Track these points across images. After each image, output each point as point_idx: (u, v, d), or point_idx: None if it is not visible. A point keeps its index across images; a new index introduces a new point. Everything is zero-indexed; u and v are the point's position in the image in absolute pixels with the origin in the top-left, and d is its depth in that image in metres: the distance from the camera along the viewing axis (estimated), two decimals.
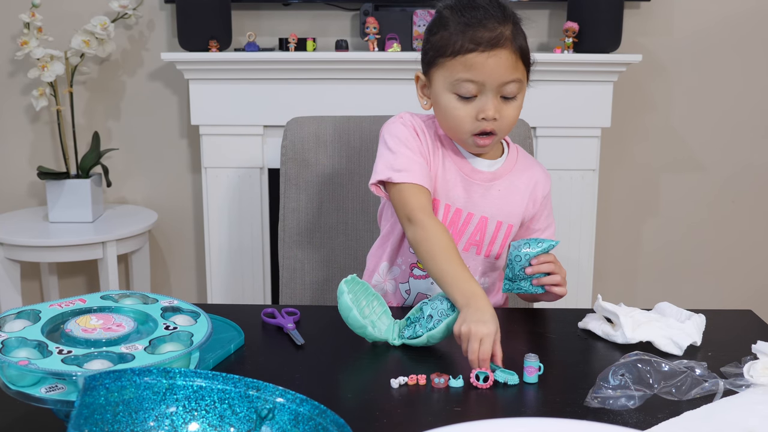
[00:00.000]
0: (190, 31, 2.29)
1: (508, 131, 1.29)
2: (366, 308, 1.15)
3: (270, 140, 2.39)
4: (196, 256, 2.68)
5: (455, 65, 1.23)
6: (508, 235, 1.37)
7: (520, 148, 1.42)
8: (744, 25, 2.52)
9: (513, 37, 1.24)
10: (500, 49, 1.22)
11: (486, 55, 1.21)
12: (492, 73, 1.22)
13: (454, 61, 1.23)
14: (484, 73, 1.22)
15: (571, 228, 2.41)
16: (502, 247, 1.37)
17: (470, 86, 1.23)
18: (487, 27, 1.22)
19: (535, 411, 0.94)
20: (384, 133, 1.31)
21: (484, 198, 1.33)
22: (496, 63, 1.22)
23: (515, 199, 1.36)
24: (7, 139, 2.60)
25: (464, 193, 1.32)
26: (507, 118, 1.26)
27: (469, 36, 1.21)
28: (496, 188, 1.34)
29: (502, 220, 1.35)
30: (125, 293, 1.05)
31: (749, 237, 2.68)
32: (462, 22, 1.23)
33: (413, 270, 1.35)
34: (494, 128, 1.25)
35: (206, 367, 1.02)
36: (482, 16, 1.22)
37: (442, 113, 1.28)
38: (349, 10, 2.44)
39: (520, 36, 1.27)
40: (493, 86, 1.23)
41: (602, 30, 2.28)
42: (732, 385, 0.98)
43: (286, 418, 0.79)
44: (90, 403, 0.75)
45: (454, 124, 1.26)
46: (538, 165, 1.42)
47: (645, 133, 2.60)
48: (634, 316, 1.15)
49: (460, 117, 1.25)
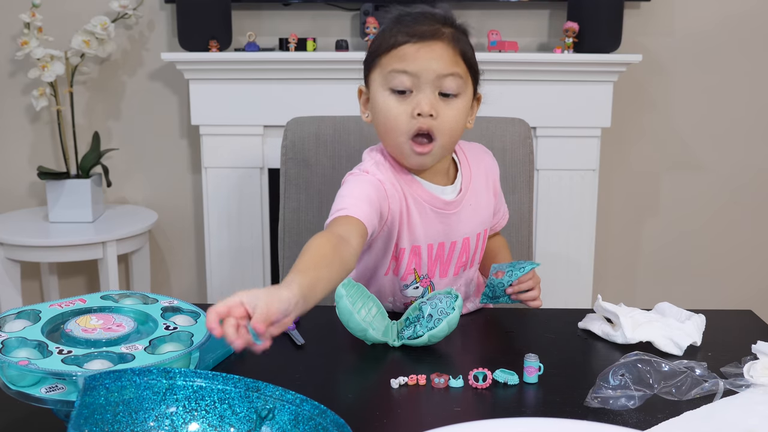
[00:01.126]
0: (190, 31, 2.29)
1: (450, 140, 1.22)
2: (362, 310, 1.15)
3: (270, 140, 2.39)
4: (196, 256, 2.68)
5: (389, 59, 1.19)
6: (485, 238, 1.36)
7: (461, 144, 1.34)
8: (744, 25, 2.52)
9: (453, 37, 1.20)
10: (435, 41, 1.18)
11: (419, 45, 1.17)
12: (425, 64, 1.17)
13: (388, 56, 1.19)
14: (417, 64, 1.17)
15: (571, 228, 2.41)
16: (482, 251, 1.37)
17: (404, 78, 1.18)
18: (422, 22, 1.20)
19: (535, 411, 0.94)
20: (346, 180, 1.24)
21: (462, 220, 1.29)
22: (429, 54, 1.17)
23: (484, 201, 1.34)
24: (7, 139, 2.60)
25: (442, 226, 1.28)
26: (446, 118, 1.19)
27: (404, 31, 1.19)
28: (467, 203, 1.30)
29: (480, 231, 1.33)
30: (125, 293, 1.05)
31: (749, 237, 2.68)
32: (398, 22, 1.21)
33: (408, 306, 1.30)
34: (432, 128, 1.18)
35: (206, 367, 1.02)
36: (418, 17, 1.21)
37: (379, 118, 1.22)
38: (349, 10, 2.45)
39: (463, 41, 1.22)
40: (429, 79, 1.17)
41: (602, 30, 2.28)
42: (732, 385, 0.98)
43: (286, 418, 0.79)
44: (90, 403, 0.75)
45: (390, 124, 1.20)
46: (482, 149, 1.38)
47: (645, 133, 2.60)
48: (634, 316, 1.15)
49: (394, 115, 1.19)
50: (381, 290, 1.32)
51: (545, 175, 2.39)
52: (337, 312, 1.11)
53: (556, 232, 2.41)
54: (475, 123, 1.56)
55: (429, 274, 1.30)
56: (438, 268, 1.30)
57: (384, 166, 1.25)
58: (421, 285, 1.31)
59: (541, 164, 2.38)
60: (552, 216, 2.41)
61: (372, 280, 1.33)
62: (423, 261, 1.29)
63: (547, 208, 2.40)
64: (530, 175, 1.63)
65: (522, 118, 1.66)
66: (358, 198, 1.17)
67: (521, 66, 2.30)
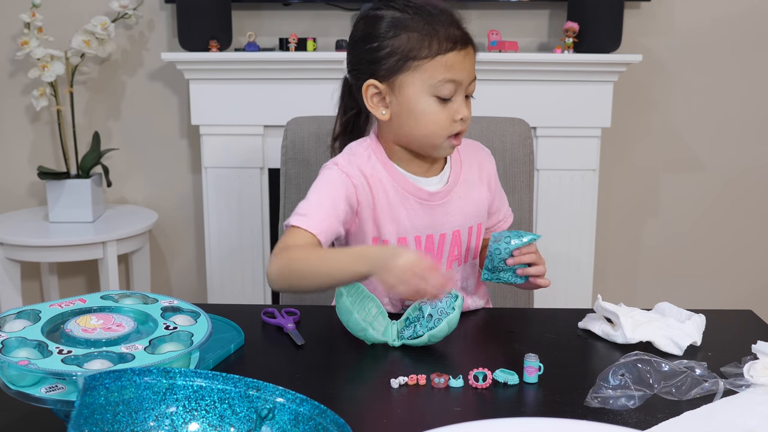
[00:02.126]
0: (190, 31, 2.29)
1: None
2: (362, 310, 1.15)
3: (270, 140, 2.39)
4: (196, 256, 2.68)
5: (435, 66, 1.19)
6: (479, 233, 1.35)
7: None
8: (744, 25, 2.52)
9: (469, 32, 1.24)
10: (470, 46, 1.22)
11: (463, 53, 1.20)
12: (468, 72, 1.21)
13: (434, 62, 1.19)
14: (462, 72, 1.20)
15: (571, 228, 2.41)
16: (477, 246, 1.36)
17: (451, 86, 1.20)
18: (454, 25, 1.20)
19: (535, 411, 0.94)
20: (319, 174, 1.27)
21: (450, 212, 1.29)
22: (470, 61, 1.22)
23: (476, 195, 1.33)
24: (7, 139, 2.60)
25: (429, 218, 1.28)
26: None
27: (444, 35, 1.19)
28: (456, 196, 1.30)
29: (472, 224, 1.33)
30: (125, 293, 1.05)
31: (749, 237, 2.68)
32: (427, 21, 1.19)
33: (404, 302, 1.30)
34: (463, 128, 1.24)
35: (206, 367, 1.02)
36: (444, 16, 1.20)
37: (416, 119, 1.22)
38: (349, 10, 2.44)
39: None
40: (466, 85, 1.22)
41: (602, 30, 2.28)
42: (732, 385, 0.98)
43: (286, 418, 0.79)
44: (90, 403, 0.75)
45: (433, 129, 1.22)
46: (476, 145, 1.39)
47: (645, 133, 2.60)
48: (634, 316, 1.15)
49: (439, 121, 1.21)
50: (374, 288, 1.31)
51: (545, 175, 2.39)
52: (337, 312, 1.11)
53: (556, 232, 2.41)
54: (475, 123, 1.57)
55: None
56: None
57: (362, 157, 1.27)
58: None
59: (541, 164, 2.38)
60: (552, 216, 2.40)
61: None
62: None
63: (547, 208, 2.40)
64: (530, 175, 1.63)
65: (522, 118, 1.66)
66: (320, 206, 1.21)
67: (521, 66, 2.30)
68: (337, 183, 1.24)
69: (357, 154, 1.28)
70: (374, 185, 1.26)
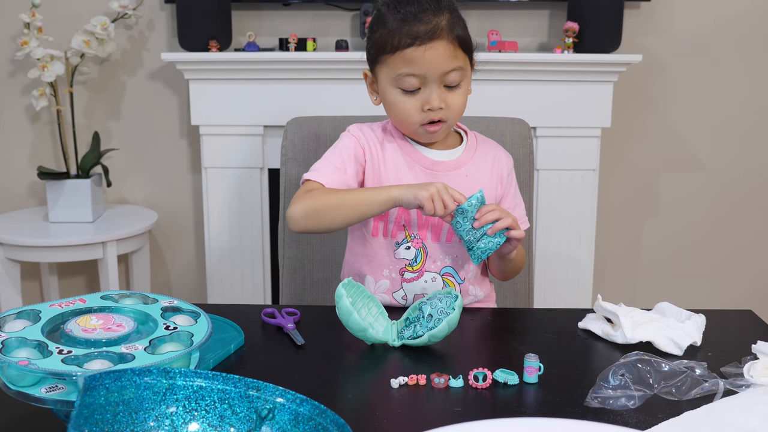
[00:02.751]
0: (190, 31, 2.29)
1: (459, 118, 1.33)
2: (363, 310, 1.15)
3: (270, 140, 2.39)
4: (196, 256, 2.68)
5: (396, 61, 1.27)
6: None
7: (479, 134, 1.44)
8: (744, 25, 2.52)
9: (450, 26, 1.26)
10: (437, 40, 1.25)
11: (423, 48, 1.25)
12: (431, 65, 1.25)
13: (394, 57, 1.26)
14: (424, 66, 1.25)
15: (571, 228, 2.42)
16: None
17: (412, 80, 1.27)
18: (423, 20, 1.25)
19: (535, 411, 0.94)
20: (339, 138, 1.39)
21: (454, 185, 1.31)
22: (434, 54, 1.25)
23: (484, 181, 1.38)
24: (7, 139, 2.60)
25: None
26: (454, 105, 1.29)
27: (406, 31, 1.25)
28: (463, 174, 1.36)
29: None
30: (125, 293, 1.05)
31: (749, 237, 2.68)
32: (398, 18, 1.26)
33: (404, 274, 1.35)
34: (442, 117, 1.29)
35: (206, 367, 1.02)
36: (417, 10, 1.26)
37: (389, 108, 1.33)
38: (349, 10, 2.45)
39: (457, 25, 1.28)
40: (435, 77, 1.26)
41: (602, 30, 2.28)
42: (732, 385, 0.98)
43: (286, 418, 0.79)
44: (90, 403, 0.75)
45: (402, 117, 1.31)
46: (499, 146, 1.44)
47: (645, 133, 2.60)
48: (634, 316, 1.15)
49: (406, 110, 1.29)
50: (375, 257, 1.36)
51: (545, 175, 2.39)
52: (337, 312, 1.11)
53: (556, 232, 2.41)
54: (475, 123, 1.57)
55: (420, 235, 1.34)
56: (430, 230, 1.34)
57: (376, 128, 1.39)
58: (413, 246, 1.34)
59: (541, 164, 2.38)
60: (552, 216, 2.41)
61: (366, 244, 1.37)
62: (412, 218, 1.33)
63: (547, 208, 2.40)
64: (530, 175, 1.63)
65: (522, 118, 1.66)
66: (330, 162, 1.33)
67: (521, 66, 2.30)
68: (345, 142, 1.36)
69: (372, 126, 1.39)
70: (384, 149, 1.35)
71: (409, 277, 1.34)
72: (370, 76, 1.35)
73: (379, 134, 1.38)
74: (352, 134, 1.37)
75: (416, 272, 1.34)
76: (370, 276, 1.36)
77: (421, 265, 1.34)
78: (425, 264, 1.34)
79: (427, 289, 1.34)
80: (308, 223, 1.27)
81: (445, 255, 1.35)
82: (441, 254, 1.35)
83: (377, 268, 1.36)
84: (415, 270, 1.34)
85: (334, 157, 1.34)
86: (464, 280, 1.36)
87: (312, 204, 1.26)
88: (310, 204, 1.26)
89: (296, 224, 1.28)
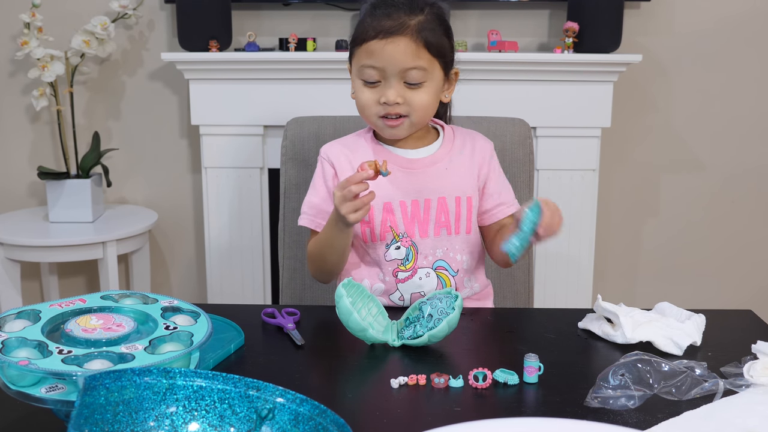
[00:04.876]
0: (190, 31, 2.29)
1: (423, 116, 1.34)
2: (363, 310, 1.15)
3: (270, 140, 2.39)
4: (196, 256, 2.68)
5: (361, 53, 1.32)
6: (470, 208, 1.38)
7: (457, 127, 1.45)
8: (744, 25, 2.52)
9: (418, 27, 1.29)
10: (399, 36, 1.28)
11: (384, 42, 1.28)
12: (390, 59, 1.28)
13: (360, 49, 1.32)
14: (383, 59, 1.29)
15: (571, 228, 2.41)
16: (469, 221, 1.38)
17: (372, 72, 1.31)
18: (391, 17, 1.29)
19: (535, 411, 0.94)
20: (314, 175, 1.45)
21: (434, 179, 1.36)
22: (394, 49, 1.28)
23: (464, 171, 1.39)
24: (7, 139, 2.60)
25: (411, 184, 1.35)
26: (415, 102, 1.31)
27: (373, 25, 1.29)
28: (442, 168, 1.37)
29: (459, 195, 1.37)
30: (125, 293, 1.05)
31: (749, 237, 2.68)
32: (371, 14, 1.31)
33: (397, 275, 1.35)
34: (401, 112, 1.31)
35: (206, 367, 1.02)
36: (389, 10, 1.30)
37: (356, 98, 1.37)
38: (349, 10, 2.44)
39: (431, 30, 1.30)
40: (394, 72, 1.29)
41: (602, 30, 2.28)
42: (732, 385, 0.98)
43: (286, 418, 0.79)
44: (90, 403, 0.75)
45: (363, 109, 1.35)
46: (477, 134, 1.45)
47: (645, 133, 2.60)
48: (634, 316, 1.15)
49: (364, 100, 1.34)
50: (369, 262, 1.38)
51: (545, 175, 2.39)
52: (337, 312, 1.11)
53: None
54: (475, 123, 1.57)
55: (408, 233, 1.35)
56: (417, 227, 1.35)
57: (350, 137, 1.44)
58: (403, 245, 1.35)
59: (541, 164, 2.38)
60: None
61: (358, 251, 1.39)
62: (398, 218, 1.35)
63: None
64: (530, 175, 1.63)
65: (522, 118, 1.66)
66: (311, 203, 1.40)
67: (521, 66, 2.30)
68: (318, 171, 1.42)
69: (343, 140, 1.44)
70: (356, 157, 1.38)
71: (402, 276, 1.35)
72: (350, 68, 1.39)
73: (351, 144, 1.42)
74: (321, 157, 1.42)
75: (409, 270, 1.35)
76: (368, 279, 1.37)
77: (413, 262, 1.35)
78: (417, 261, 1.35)
79: (422, 285, 1.34)
80: (323, 278, 1.41)
81: (435, 249, 1.36)
82: (431, 249, 1.35)
83: (372, 272, 1.37)
84: (407, 268, 1.35)
85: (314, 191, 1.41)
86: (458, 272, 1.36)
87: (312, 265, 1.39)
88: (312, 267, 1.40)
89: (319, 280, 1.43)
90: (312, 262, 1.39)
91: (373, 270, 1.37)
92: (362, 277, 1.38)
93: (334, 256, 1.34)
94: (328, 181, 1.40)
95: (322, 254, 1.35)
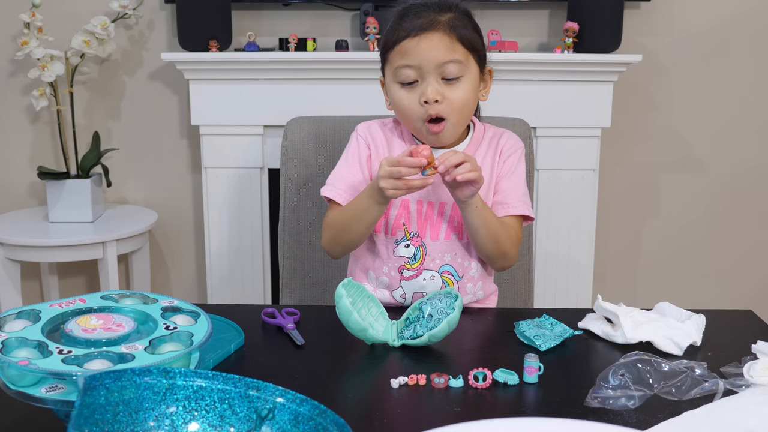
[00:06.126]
0: (190, 31, 2.29)
1: (462, 115, 1.32)
2: (363, 310, 1.15)
3: (270, 140, 2.39)
4: (196, 256, 2.68)
5: (394, 55, 1.30)
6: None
7: (490, 126, 1.43)
8: (744, 25, 2.52)
9: (450, 23, 1.29)
10: (431, 32, 1.27)
11: (417, 39, 1.27)
12: (425, 55, 1.27)
13: (393, 52, 1.30)
14: (418, 56, 1.27)
15: (571, 228, 2.41)
16: None
17: (408, 72, 1.29)
18: (420, 16, 1.29)
19: (535, 411, 0.94)
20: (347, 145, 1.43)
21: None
22: (428, 45, 1.27)
23: (485, 166, 1.37)
24: (7, 139, 2.60)
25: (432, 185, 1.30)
26: (454, 100, 1.29)
27: (404, 26, 1.29)
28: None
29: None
30: (125, 293, 1.05)
31: (749, 237, 2.68)
32: (401, 18, 1.30)
33: (403, 272, 1.35)
34: (441, 112, 1.29)
35: (206, 367, 1.02)
36: (419, 10, 1.30)
37: (394, 106, 1.34)
38: (349, 10, 2.45)
39: (462, 25, 1.29)
40: (431, 68, 1.27)
41: (602, 30, 2.28)
42: (732, 385, 0.98)
43: (286, 418, 0.79)
44: (90, 403, 0.75)
45: (405, 113, 1.32)
46: (507, 133, 1.43)
47: (645, 133, 2.60)
48: (634, 316, 1.15)
49: (406, 105, 1.30)
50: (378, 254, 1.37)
51: (545, 175, 2.39)
52: (337, 312, 1.11)
53: (556, 232, 2.41)
54: None
55: (420, 233, 1.35)
56: (429, 228, 1.35)
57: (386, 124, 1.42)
58: (413, 244, 1.35)
59: (541, 164, 2.38)
60: (552, 216, 2.41)
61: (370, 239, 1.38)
62: (412, 217, 1.34)
63: (547, 208, 2.40)
64: (530, 175, 1.63)
65: (522, 118, 1.66)
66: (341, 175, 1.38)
67: (521, 66, 2.30)
68: (353, 146, 1.40)
69: (381, 123, 1.43)
70: (392, 145, 1.38)
71: (407, 275, 1.35)
72: (382, 80, 1.37)
73: (388, 130, 1.41)
74: (359, 134, 1.41)
75: (415, 270, 1.34)
76: (372, 271, 1.37)
77: (420, 263, 1.34)
78: (424, 262, 1.34)
79: (425, 287, 1.34)
80: (336, 251, 1.38)
81: (444, 253, 1.35)
82: (440, 252, 1.35)
83: (378, 264, 1.37)
84: (414, 268, 1.34)
85: (345, 165, 1.39)
86: (463, 277, 1.36)
87: (329, 234, 1.36)
88: (327, 235, 1.36)
89: (330, 253, 1.39)
90: (330, 232, 1.36)
91: (381, 262, 1.37)
92: (368, 267, 1.38)
93: (360, 228, 1.31)
94: (362, 160, 1.38)
95: (347, 225, 1.32)
